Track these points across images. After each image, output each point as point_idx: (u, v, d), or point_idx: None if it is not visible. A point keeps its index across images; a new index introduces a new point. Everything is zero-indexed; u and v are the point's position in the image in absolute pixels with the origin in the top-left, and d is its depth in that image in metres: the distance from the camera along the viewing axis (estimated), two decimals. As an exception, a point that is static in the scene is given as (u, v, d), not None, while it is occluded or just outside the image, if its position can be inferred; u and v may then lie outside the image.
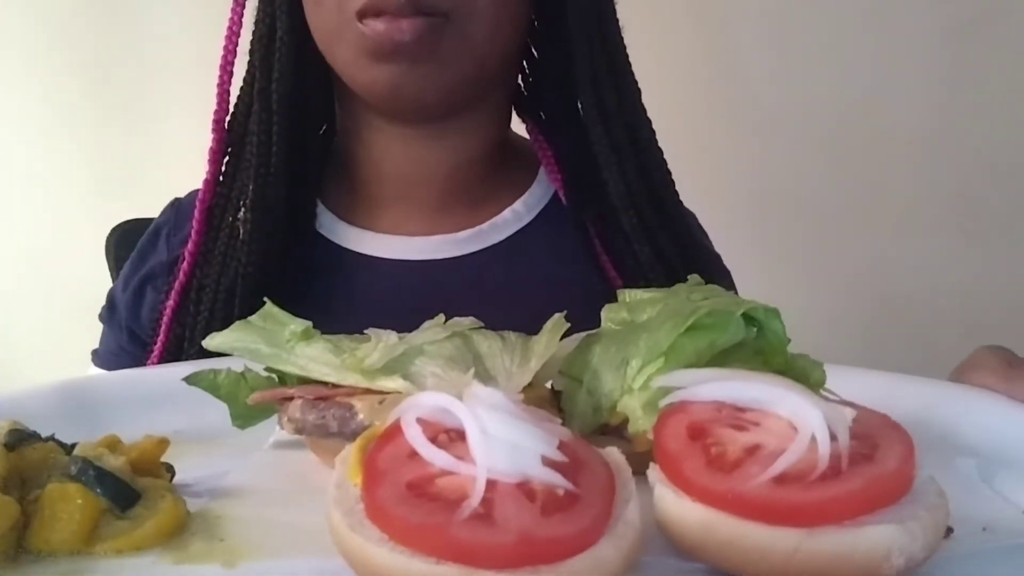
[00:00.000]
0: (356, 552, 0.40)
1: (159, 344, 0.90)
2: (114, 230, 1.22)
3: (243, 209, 0.89)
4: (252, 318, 0.61)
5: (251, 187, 0.89)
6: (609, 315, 0.61)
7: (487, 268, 0.93)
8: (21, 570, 0.44)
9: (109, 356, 0.98)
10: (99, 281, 1.20)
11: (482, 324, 0.61)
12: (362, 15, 0.79)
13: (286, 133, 0.89)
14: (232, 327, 0.60)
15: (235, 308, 0.87)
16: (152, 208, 1.09)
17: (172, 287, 0.91)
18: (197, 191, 0.95)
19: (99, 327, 1.02)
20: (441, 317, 0.62)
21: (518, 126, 1.01)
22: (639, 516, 0.42)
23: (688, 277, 0.63)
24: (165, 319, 0.90)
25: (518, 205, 0.96)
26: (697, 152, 1.57)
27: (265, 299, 0.62)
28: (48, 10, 1.76)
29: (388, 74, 0.81)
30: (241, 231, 0.89)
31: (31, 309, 1.86)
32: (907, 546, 0.40)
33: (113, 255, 1.21)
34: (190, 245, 0.90)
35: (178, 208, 1.00)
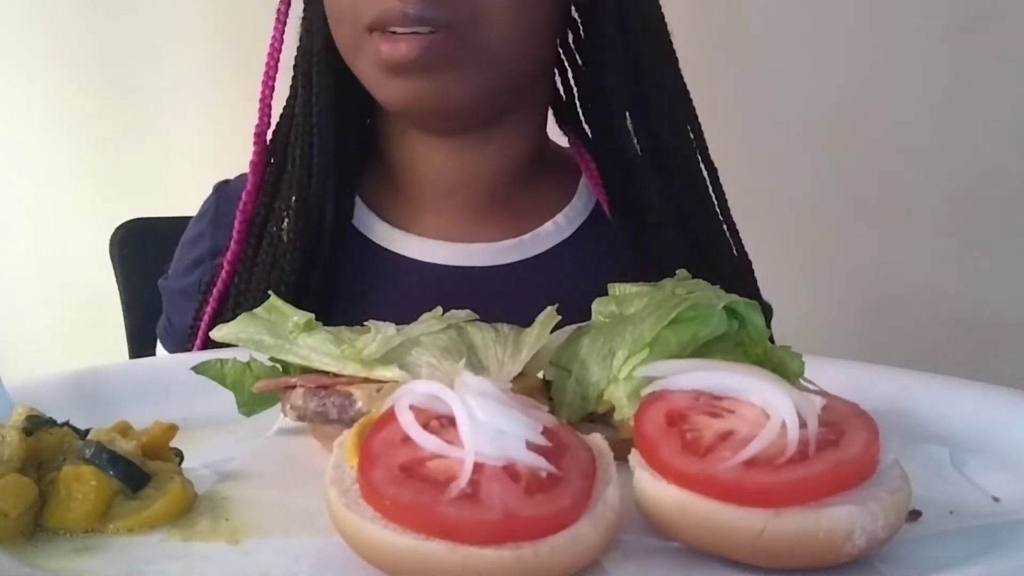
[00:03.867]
0: (351, 529, 0.43)
1: (196, 348, 0.91)
2: (118, 229, 1.24)
3: (286, 220, 0.91)
4: (257, 310, 0.63)
5: (294, 199, 0.90)
6: (599, 308, 0.63)
7: (526, 280, 0.92)
8: (38, 547, 0.46)
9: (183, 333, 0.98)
10: (101, 280, 1.23)
11: (477, 316, 0.64)
12: (371, 29, 0.81)
13: (328, 144, 0.91)
14: (238, 319, 0.62)
15: None
16: (154, 208, 1.11)
17: (210, 292, 0.92)
18: (243, 176, 0.96)
19: (98, 324, 1.03)
20: (439, 309, 0.65)
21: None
22: (618, 497, 0.44)
23: (676, 272, 0.65)
24: (203, 324, 0.91)
25: (560, 218, 0.96)
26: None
27: (270, 292, 0.64)
28: (50, 9, 1.78)
29: (403, 88, 0.83)
30: (285, 240, 0.90)
31: (34, 307, 1.88)
32: (868, 525, 0.42)
33: (117, 254, 1.22)
34: (229, 255, 0.91)
35: (219, 193, 1.01)
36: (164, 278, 1.02)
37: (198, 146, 1.66)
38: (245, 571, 0.45)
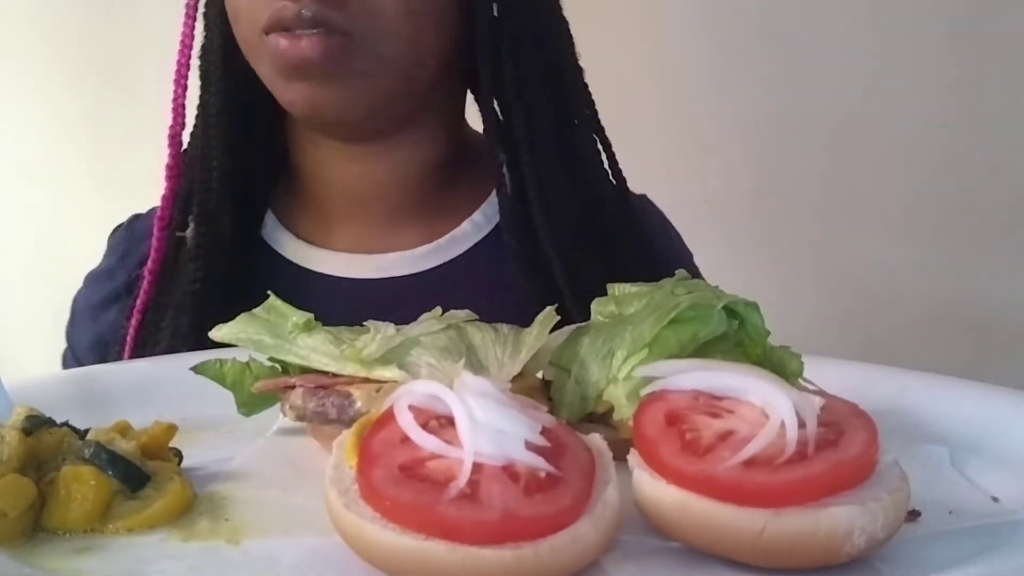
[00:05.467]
0: (351, 529, 0.43)
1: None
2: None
3: (190, 227, 0.88)
4: (256, 310, 0.63)
5: (195, 204, 0.88)
6: (598, 308, 0.63)
7: (447, 283, 0.90)
8: (38, 547, 0.46)
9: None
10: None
11: (477, 317, 0.64)
12: (267, 31, 0.79)
13: (227, 149, 0.88)
14: (237, 319, 0.62)
15: (184, 324, 0.85)
16: (149, 206, 1.11)
17: (134, 306, 0.89)
18: (155, 208, 0.93)
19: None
20: (438, 310, 0.65)
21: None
22: (618, 497, 0.44)
23: (675, 272, 0.65)
24: (129, 339, 0.89)
25: (477, 216, 0.93)
26: (699, 153, 1.59)
27: (269, 292, 0.64)
28: (50, 9, 1.78)
29: (303, 92, 0.81)
30: (189, 248, 0.88)
31: (33, 307, 1.88)
32: (868, 525, 0.42)
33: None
34: (150, 263, 0.89)
35: (132, 229, 0.99)
36: (70, 323, 0.99)
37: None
38: (245, 571, 0.45)
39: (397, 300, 0.88)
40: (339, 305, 0.84)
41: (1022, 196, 1.58)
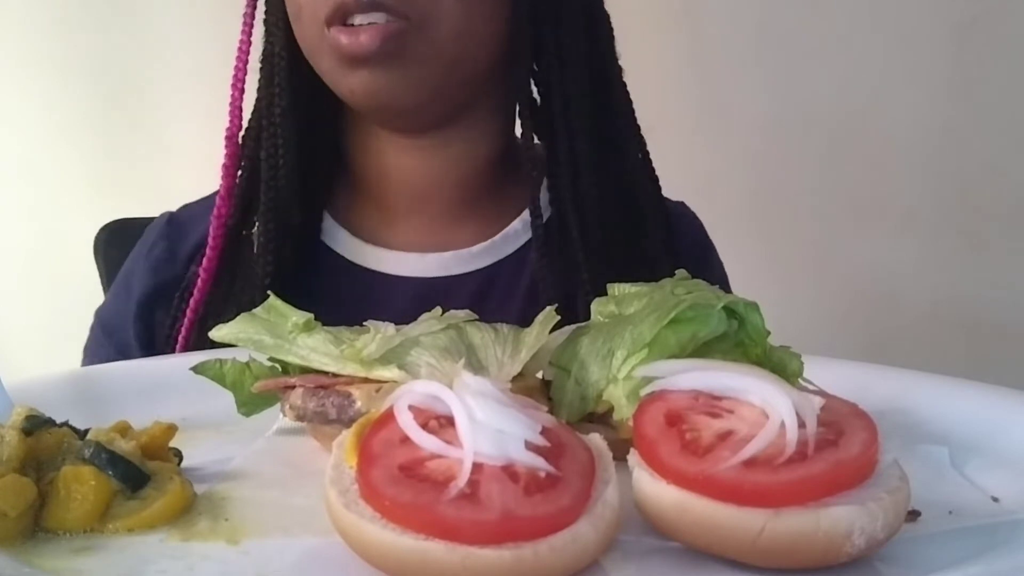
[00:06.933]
0: (351, 529, 0.43)
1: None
2: (103, 229, 1.23)
3: (257, 223, 0.91)
4: (256, 310, 0.63)
5: (262, 200, 0.91)
6: (598, 308, 0.63)
7: (497, 279, 0.94)
8: (38, 547, 0.46)
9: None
10: (94, 278, 1.23)
11: (477, 316, 0.64)
12: (329, 23, 0.82)
13: (293, 146, 0.91)
14: (237, 319, 0.62)
15: None
16: (148, 206, 1.11)
17: (187, 303, 0.91)
18: (187, 205, 0.96)
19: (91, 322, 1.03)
20: (438, 309, 0.65)
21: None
22: (618, 497, 0.44)
23: (675, 272, 0.65)
24: (183, 331, 0.91)
25: (527, 214, 0.95)
26: (700, 152, 1.59)
27: (269, 292, 0.64)
28: (50, 11, 1.78)
29: (362, 80, 0.85)
30: (255, 244, 0.91)
31: (33, 307, 1.88)
32: (868, 526, 0.42)
33: (102, 254, 1.21)
34: (205, 262, 0.92)
35: (173, 224, 1.01)
36: (99, 332, 1.00)
37: (192, 146, 1.66)
38: (245, 571, 0.45)
39: (452, 298, 0.91)
40: (396, 303, 0.91)
41: (1022, 196, 1.58)
